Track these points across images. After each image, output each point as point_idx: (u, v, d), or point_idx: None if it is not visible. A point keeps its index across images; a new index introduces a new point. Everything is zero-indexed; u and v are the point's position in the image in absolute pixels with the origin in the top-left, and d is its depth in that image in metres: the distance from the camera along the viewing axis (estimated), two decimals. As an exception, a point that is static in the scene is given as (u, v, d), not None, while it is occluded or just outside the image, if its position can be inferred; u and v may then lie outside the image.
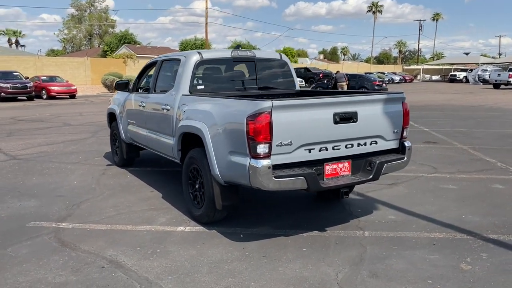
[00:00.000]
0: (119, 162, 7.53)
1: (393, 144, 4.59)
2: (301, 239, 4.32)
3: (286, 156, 3.89)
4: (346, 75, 26.82)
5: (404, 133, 4.63)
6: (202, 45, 52.35)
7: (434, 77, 64.82)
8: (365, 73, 43.24)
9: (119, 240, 4.31)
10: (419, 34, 78.49)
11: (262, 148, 3.76)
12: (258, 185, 3.83)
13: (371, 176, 4.32)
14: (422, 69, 66.61)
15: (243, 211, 5.15)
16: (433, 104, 21.36)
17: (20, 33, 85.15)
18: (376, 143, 4.42)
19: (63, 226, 4.69)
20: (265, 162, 3.76)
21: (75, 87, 27.70)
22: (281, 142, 3.81)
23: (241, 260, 3.84)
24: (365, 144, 4.34)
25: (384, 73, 54.08)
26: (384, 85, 27.89)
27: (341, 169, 4.28)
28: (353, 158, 4.33)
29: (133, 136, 6.77)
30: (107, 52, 49.71)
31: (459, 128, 12.47)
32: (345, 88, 26.02)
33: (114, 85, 6.89)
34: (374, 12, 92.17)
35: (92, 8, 67.20)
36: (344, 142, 4.19)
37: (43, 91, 26.68)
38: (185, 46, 57.60)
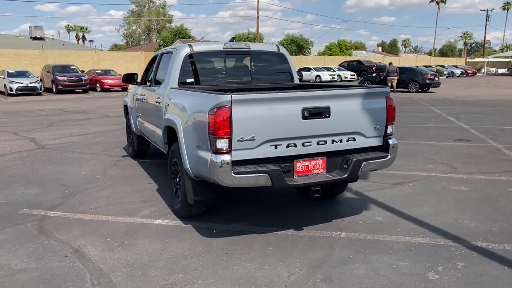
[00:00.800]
0: (132, 153, 7.72)
1: (375, 142, 4.32)
2: (272, 237, 4.18)
3: (249, 152, 3.77)
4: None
5: (389, 130, 4.33)
6: (254, 38, 52.50)
7: (500, 71, 60.72)
8: (422, 66, 41.39)
9: (94, 230, 4.40)
10: (486, 25, 73.85)
11: (222, 143, 3.67)
12: (218, 181, 3.75)
13: (346, 175, 4.09)
14: (487, 62, 62.60)
15: (227, 206, 5.10)
16: (487, 100, 20.03)
17: (86, 28, 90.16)
18: (354, 140, 4.18)
19: (50, 214, 4.86)
20: (224, 158, 3.67)
21: (127, 80, 28.70)
22: (242, 138, 3.70)
23: (201, 256, 3.79)
24: (340, 141, 4.11)
25: (444, 66, 51.48)
26: (437, 78, 26.40)
27: (314, 166, 4.09)
28: (328, 155, 4.12)
29: (141, 128, 6.89)
30: (162, 47, 51.15)
31: (503, 125, 11.58)
32: (395, 83, 25.02)
33: (122, 77, 7.02)
34: (437, 2, 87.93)
35: (151, 3, 69.56)
36: (316, 138, 3.99)
37: (97, 84, 27.97)
38: (238, 40, 58.04)
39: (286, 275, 3.42)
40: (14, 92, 24.07)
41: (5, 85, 24.55)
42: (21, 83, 24.40)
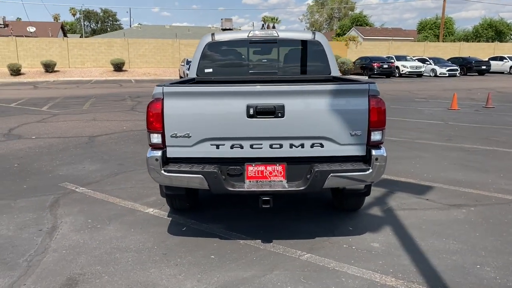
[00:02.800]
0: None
1: (354, 151, 3.48)
2: (228, 246, 3.80)
3: (186, 149, 3.49)
4: None
5: (373, 137, 3.43)
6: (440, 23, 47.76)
7: None
8: None
9: (90, 210, 4.68)
10: None
11: (155, 138, 3.49)
12: (152, 177, 3.58)
13: (304, 187, 3.42)
14: None
15: (224, 206, 4.83)
16: None
17: (276, 19, 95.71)
18: (321, 146, 3.45)
19: (77, 190, 5.36)
20: (155, 153, 3.48)
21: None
22: (175, 134, 3.44)
23: (138, 252, 3.69)
24: (302, 146, 3.45)
25: None
26: None
27: (270, 172, 3.54)
28: (289, 161, 3.51)
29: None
30: (339, 35, 50.71)
31: None
32: None
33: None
34: None
35: (336, -9, 69.51)
36: (267, 140, 3.44)
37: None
38: (423, 26, 53.63)
39: (186, 290, 3.08)
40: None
41: (184, 71, 27.91)
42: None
